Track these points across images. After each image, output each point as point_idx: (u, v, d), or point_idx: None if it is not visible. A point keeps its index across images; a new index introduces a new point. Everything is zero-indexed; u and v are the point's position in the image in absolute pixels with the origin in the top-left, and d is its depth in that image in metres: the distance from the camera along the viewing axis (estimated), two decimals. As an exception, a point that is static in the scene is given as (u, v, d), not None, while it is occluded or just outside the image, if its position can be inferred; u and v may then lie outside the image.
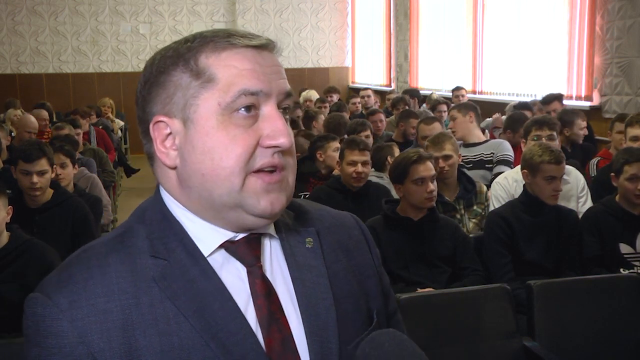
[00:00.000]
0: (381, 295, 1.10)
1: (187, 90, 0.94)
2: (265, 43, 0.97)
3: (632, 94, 5.74)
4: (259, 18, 12.08)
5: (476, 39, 8.37)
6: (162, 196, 1.00)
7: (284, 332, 0.95)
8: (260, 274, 0.97)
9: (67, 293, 0.90)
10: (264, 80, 0.94)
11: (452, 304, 2.64)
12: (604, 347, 2.64)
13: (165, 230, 0.96)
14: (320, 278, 1.01)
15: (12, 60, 11.34)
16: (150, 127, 0.96)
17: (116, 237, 0.97)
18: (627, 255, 3.14)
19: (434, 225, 3.09)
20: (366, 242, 1.13)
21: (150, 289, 0.91)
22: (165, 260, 0.93)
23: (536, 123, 4.01)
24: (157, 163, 0.99)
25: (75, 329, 0.88)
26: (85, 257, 0.95)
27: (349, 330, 0.99)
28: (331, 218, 1.11)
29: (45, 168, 3.46)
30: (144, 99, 0.98)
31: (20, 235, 2.83)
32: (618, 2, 5.81)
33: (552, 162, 3.13)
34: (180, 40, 0.98)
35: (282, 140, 0.93)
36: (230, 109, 0.92)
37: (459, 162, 3.86)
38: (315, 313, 0.97)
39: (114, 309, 0.90)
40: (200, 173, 0.93)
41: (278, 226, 1.02)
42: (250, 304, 0.95)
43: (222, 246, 0.97)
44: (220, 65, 0.93)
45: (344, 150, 3.77)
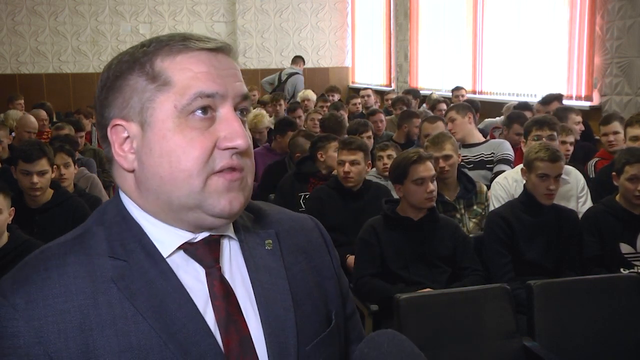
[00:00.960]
0: (340, 297, 1.11)
1: (144, 94, 0.94)
2: (221, 46, 0.98)
3: (632, 94, 5.74)
4: (259, 18, 12.08)
5: (476, 39, 8.36)
6: (121, 198, 1.01)
7: (241, 333, 0.95)
8: (218, 276, 0.97)
9: (24, 293, 0.90)
10: (219, 83, 0.95)
11: (452, 304, 2.63)
12: (604, 347, 2.64)
13: (124, 231, 0.97)
14: (279, 279, 1.02)
15: (12, 61, 11.34)
16: (108, 130, 0.97)
17: (74, 238, 0.98)
18: (627, 255, 3.14)
19: (434, 225, 3.09)
20: (325, 244, 1.14)
21: (109, 289, 0.91)
22: (124, 261, 0.94)
23: (537, 123, 4.01)
24: (115, 166, 1.00)
25: (31, 329, 0.88)
26: (43, 257, 0.95)
27: (308, 331, 1.00)
28: (290, 221, 1.13)
29: (45, 168, 3.46)
30: (102, 104, 0.98)
31: (20, 236, 2.83)
32: (618, 2, 5.81)
33: (545, 160, 3.13)
34: (137, 45, 1.00)
35: (239, 141, 0.94)
36: (186, 112, 0.93)
37: (460, 162, 3.86)
38: (274, 314, 0.98)
39: (71, 309, 0.90)
40: (159, 176, 0.94)
41: (237, 228, 1.03)
42: (209, 305, 0.95)
43: (181, 247, 0.97)
44: (176, 69, 0.94)
45: (338, 150, 3.81)
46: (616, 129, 4.43)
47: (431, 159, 3.15)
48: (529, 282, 2.70)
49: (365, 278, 3.03)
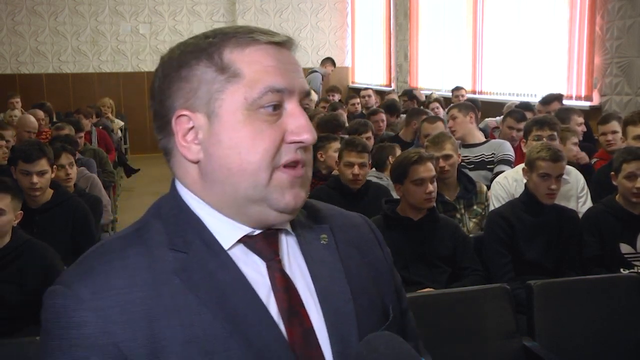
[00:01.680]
0: (395, 292, 1.12)
1: (212, 85, 0.93)
2: (286, 40, 0.98)
3: (632, 93, 5.74)
4: (259, 18, 12.08)
5: (476, 39, 8.36)
6: (178, 191, 1.00)
7: (305, 325, 0.95)
8: (279, 268, 0.97)
9: (88, 283, 0.90)
10: (287, 78, 0.95)
11: (452, 304, 2.63)
12: (604, 347, 2.64)
13: (183, 224, 0.96)
14: (337, 273, 1.01)
15: (12, 61, 11.34)
16: (173, 121, 0.96)
17: (133, 232, 0.97)
18: (627, 255, 3.14)
19: (434, 225, 3.09)
20: (377, 240, 1.14)
21: (171, 280, 0.91)
22: (185, 253, 0.93)
23: (537, 123, 4.01)
24: (175, 157, 0.99)
25: (98, 319, 0.87)
26: (104, 250, 0.95)
27: (366, 325, 0.99)
28: (342, 217, 1.13)
29: (45, 168, 3.46)
30: (163, 93, 0.97)
31: (21, 236, 2.83)
32: (618, 2, 5.81)
33: (547, 159, 3.14)
34: (198, 36, 0.98)
35: (305, 136, 0.94)
36: (256, 105, 0.93)
37: (460, 163, 3.85)
38: (335, 307, 0.98)
39: (136, 299, 0.89)
40: (227, 167, 0.93)
41: (293, 223, 1.03)
42: (272, 297, 0.95)
43: (241, 241, 0.97)
44: (245, 61, 0.94)
45: (342, 150, 3.77)
46: (614, 128, 4.43)
47: (432, 160, 3.15)
48: (529, 282, 2.70)
49: (365, 278, 3.03)
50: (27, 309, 2.69)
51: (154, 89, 0.99)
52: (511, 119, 5.02)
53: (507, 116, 5.10)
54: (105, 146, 7.02)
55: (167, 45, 11.86)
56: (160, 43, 11.82)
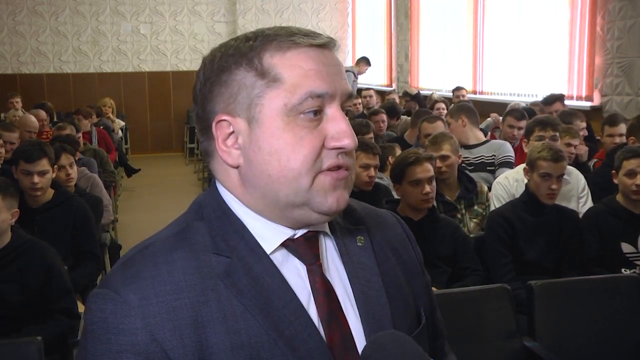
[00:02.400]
0: (426, 293, 1.12)
1: (252, 90, 0.93)
2: (327, 41, 0.96)
3: (632, 94, 5.74)
4: (259, 18, 12.08)
5: (477, 39, 8.36)
6: (220, 193, 0.99)
7: (343, 329, 0.95)
8: (320, 272, 0.97)
9: (136, 289, 0.89)
10: (328, 82, 0.93)
11: (452, 304, 2.63)
12: (605, 347, 2.64)
13: (225, 227, 0.96)
14: (374, 276, 1.01)
15: (13, 60, 11.35)
16: (213, 125, 0.95)
17: (177, 233, 0.96)
18: (628, 254, 3.14)
19: (435, 225, 3.09)
20: (409, 240, 1.14)
21: (216, 286, 0.91)
22: (229, 258, 0.93)
23: (540, 123, 4.00)
24: (216, 160, 0.99)
25: (147, 326, 0.87)
26: (149, 253, 0.94)
27: (402, 328, 0.99)
28: (376, 216, 1.12)
29: (46, 168, 3.46)
30: (205, 97, 0.97)
31: (22, 235, 2.83)
32: (618, 3, 5.81)
33: (548, 159, 3.14)
34: (240, 38, 0.97)
35: (346, 141, 0.93)
36: (296, 111, 0.92)
37: (460, 163, 3.85)
38: (372, 312, 0.98)
39: (183, 305, 0.89)
40: (267, 174, 0.92)
41: (331, 224, 1.03)
42: (312, 302, 0.95)
43: (283, 244, 0.97)
44: (286, 65, 0.92)
45: (356, 152, 3.72)
46: (622, 131, 4.41)
47: (431, 160, 3.14)
48: (530, 282, 2.70)
49: (365, 278, 3.03)
50: (27, 309, 2.70)
51: (195, 92, 0.99)
52: (511, 117, 5.02)
53: (507, 115, 5.10)
54: (105, 146, 7.02)
55: (168, 45, 11.90)
56: (161, 43, 11.83)
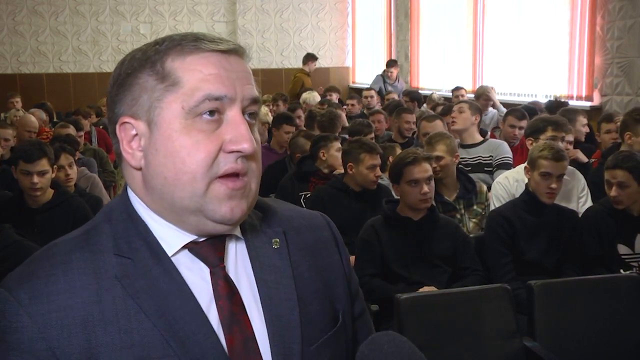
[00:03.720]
0: (349, 297, 1.10)
1: (152, 93, 0.94)
2: (233, 48, 0.97)
3: (632, 94, 5.74)
4: (259, 18, 12.08)
5: (476, 39, 8.36)
6: (128, 196, 1.01)
7: (245, 332, 0.95)
8: (223, 275, 0.97)
9: (28, 289, 0.91)
10: (228, 85, 0.94)
11: (452, 304, 2.63)
12: (605, 347, 2.64)
13: (129, 229, 0.97)
14: (284, 279, 1.01)
15: (13, 60, 11.34)
16: (117, 127, 0.97)
17: (82, 234, 0.98)
18: (624, 256, 3.13)
19: (434, 225, 3.09)
20: (335, 242, 1.13)
21: (113, 286, 0.92)
22: (129, 259, 0.94)
23: (554, 124, 3.98)
24: (124, 163, 1.00)
25: (35, 324, 0.88)
26: (49, 254, 0.96)
27: (313, 331, 1.00)
28: (300, 218, 1.11)
29: (46, 168, 3.45)
30: (112, 100, 0.98)
31: (10, 236, 2.75)
32: (618, 2, 5.81)
33: (548, 158, 3.14)
34: (151, 43, 0.99)
35: (244, 145, 0.93)
36: (193, 113, 0.92)
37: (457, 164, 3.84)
38: (278, 314, 0.98)
39: (75, 305, 0.90)
40: (163, 176, 0.94)
41: (244, 227, 1.03)
42: (213, 305, 0.95)
43: (186, 247, 0.98)
44: (186, 69, 0.94)
45: (361, 154, 3.68)
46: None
47: (429, 160, 3.14)
48: (530, 282, 2.70)
49: (365, 278, 3.03)
50: None
51: (107, 95, 1.01)
52: (513, 117, 5.01)
53: (508, 115, 5.10)
54: (105, 146, 7.02)
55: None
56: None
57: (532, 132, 4.01)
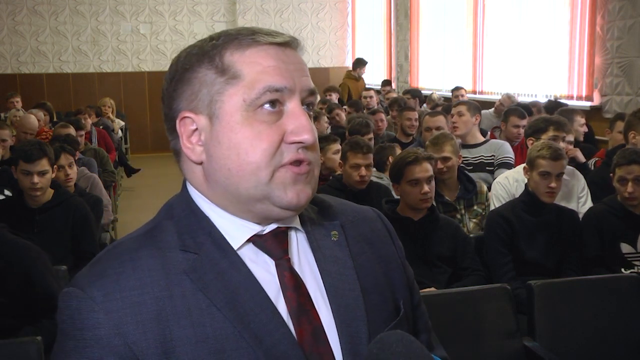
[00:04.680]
0: (406, 287, 1.13)
1: (212, 87, 0.96)
2: (289, 40, 0.99)
3: (632, 94, 5.74)
4: (259, 18, 12.08)
5: (476, 39, 8.37)
6: (189, 192, 1.02)
7: (314, 323, 0.96)
8: (288, 267, 0.98)
9: (101, 286, 0.92)
10: (287, 77, 0.95)
11: (452, 304, 2.63)
12: (605, 348, 2.64)
13: (193, 224, 0.98)
14: (347, 270, 1.03)
15: (13, 60, 11.34)
16: (177, 123, 0.98)
17: (145, 233, 0.99)
18: (628, 255, 3.14)
19: (435, 225, 3.09)
20: (389, 234, 1.15)
21: (182, 281, 0.93)
22: (195, 254, 0.95)
23: (555, 124, 3.98)
24: (183, 159, 1.01)
25: (111, 320, 0.89)
26: (116, 252, 0.97)
27: (377, 320, 1.01)
28: (353, 212, 1.13)
29: (46, 168, 3.46)
30: (170, 96, 1.00)
31: (4, 236, 2.68)
32: (618, 2, 5.81)
33: (547, 157, 3.15)
34: (205, 38, 1.00)
35: (305, 136, 0.95)
36: (255, 105, 0.94)
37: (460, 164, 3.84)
38: (344, 304, 0.99)
39: (147, 300, 0.91)
40: (226, 168, 0.95)
41: (303, 220, 1.04)
42: (280, 296, 0.96)
43: (250, 240, 0.99)
44: (245, 62, 0.95)
45: (347, 152, 3.73)
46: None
47: (430, 160, 3.14)
48: (530, 282, 2.70)
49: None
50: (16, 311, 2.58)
51: (163, 92, 1.02)
52: (515, 117, 4.99)
53: (510, 115, 5.06)
54: (105, 146, 7.02)
55: (167, 45, 11.90)
56: (160, 43, 11.83)
57: (534, 132, 4.01)
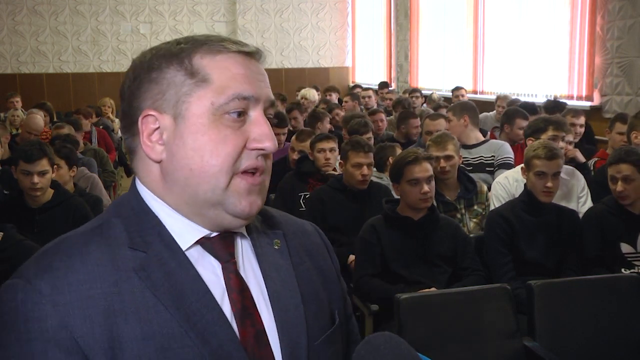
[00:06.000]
0: (341, 299, 1.16)
1: (181, 88, 0.97)
2: (255, 51, 1.02)
3: (632, 93, 5.74)
4: (259, 18, 12.09)
5: (477, 39, 8.37)
6: (138, 190, 1.02)
7: (257, 326, 0.98)
8: (234, 270, 1.00)
9: (48, 279, 0.91)
10: (254, 86, 0.98)
11: (452, 304, 2.63)
12: (605, 347, 2.64)
13: (142, 223, 0.99)
14: (288, 277, 1.05)
15: (13, 60, 11.34)
16: (139, 120, 0.98)
17: (94, 229, 0.99)
18: (628, 255, 3.14)
19: (435, 225, 3.09)
20: (326, 248, 1.19)
21: (131, 278, 0.93)
22: (144, 252, 0.95)
23: (554, 123, 3.98)
24: (138, 156, 1.01)
25: (57, 313, 0.89)
26: (64, 246, 0.96)
27: (315, 328, 1.04)
28: (294, 224, 1.17)
29: (46, 168, 3.46)
30: (132, 94, 1.00)
31: (13, 236, 2.76)
32: (618, 2, 5.81)
33: (542, 157, 3.15)
34: (170, 42, 1.02)
35: (267, 144, 0.98)
36: (222, 110, 0.96)
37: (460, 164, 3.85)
38: (286, 309, 1.02)
39: (95, 295, 0.91)
40: (188, 168, 0.96)
41: (248, 227, 1.07)
42: (226, 298, 0.98)
43: (198, 242, 1.00)
44: (215, 67, 0.97)
45: (348, 152, 3.73)
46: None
47: (430, 160, 3.14)
48: (530, 282, 2.70)
49: (365, 278, 3.03)
50: None
51: (123, 89, 1.02)
52: (520, 119, 4.93)
53: (516, 118, 4.98)
54: (105, 146, 7.02)
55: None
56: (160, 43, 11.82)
57: (533, 131, 4.00)
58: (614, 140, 4.49)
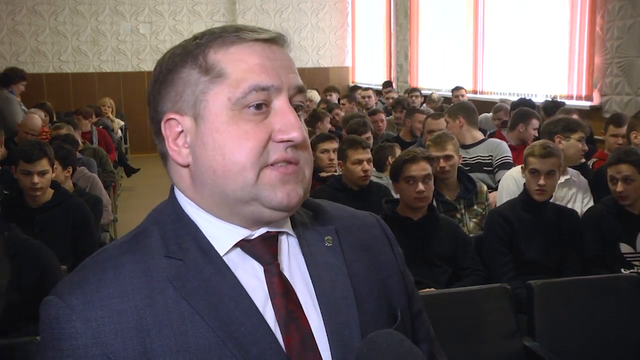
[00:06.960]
0: (405, 295, 1.09)
1: (197, 87, 0.93)
2: (275, 37, 0.96)
3: (632, 93, 5.74)
4: (259, 18, 12.08)
5: (477, 39, 8.36)
6: (176, 196, 0.99)
7: (303, 330, 0.93)
8: (277, 272, 0.95)
9: (80, 294, 0.89)
10: (273, 75, 0.93)
11: (452, 304, 2.63)
12: (605, 347, 2.64)
13: (179, 230, 0.95)
14: (340, 276, 0.99)
15: (12, 60, 11.32)
16: (162, 125, 0.95)
17: (131, 238, 0.96)
18: (627, 255, 3.14)
19: (435, 225, 3.09)
20: (388, 241, 1.12)
21: (165, 289, 0.90)
22: (180, 260, 0.92)
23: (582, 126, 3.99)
24: (170, 162, 0.98)
25: (89, 329, 0.87)
26: (99, 259, 0.94)
27: (371, 329, 0.96)
28: (351, 217, 1.10)
29: (46, 168, 3.46)
30: (155, 98, 0.97)
31: (17, 235, 2.80)
32: (618, 2, 5.81)
33: (535, 155, 3.16)
34: (190, 38, 0.98)
35: (294, 134, 0.92)
36: (240, 104, 0.91)
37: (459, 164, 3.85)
38: (336, 311, 0.96)
39: (128, 309, 0.88)
40: (212, 169, 0.92)
41: (295, 224, 1.01)
42: (269, 303, 0.93)
43: (238, 245, 0.96)
44: (229, 60, 0.92)
45: (346, 150, 3.74)
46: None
47: (429, 160, 3.14)
48: (529, 282, 2.70)
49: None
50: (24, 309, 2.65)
51: (148, 95, 0.99)
52: (536, 120, 4.89)
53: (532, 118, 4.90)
54: (105, 146, 7.02)
55: (167, 45, 11.86)
56: (160, 43, 11.83)
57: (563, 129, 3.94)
58: (609, 142, 4.50)
